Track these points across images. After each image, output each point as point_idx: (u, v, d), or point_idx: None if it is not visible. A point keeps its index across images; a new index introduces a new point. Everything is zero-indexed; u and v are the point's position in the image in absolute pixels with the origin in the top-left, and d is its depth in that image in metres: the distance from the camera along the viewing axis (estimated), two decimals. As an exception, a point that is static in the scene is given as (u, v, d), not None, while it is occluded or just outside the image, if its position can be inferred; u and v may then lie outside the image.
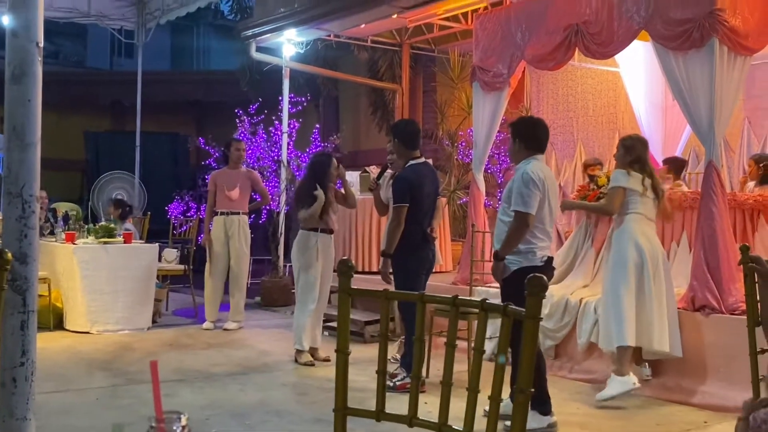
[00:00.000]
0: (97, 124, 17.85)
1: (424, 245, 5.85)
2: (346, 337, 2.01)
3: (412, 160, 5.91)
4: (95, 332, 7.94)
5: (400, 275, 5.80)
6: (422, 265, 5.86)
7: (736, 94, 6.08)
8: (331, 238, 6.95)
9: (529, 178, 4.78)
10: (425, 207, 5.85)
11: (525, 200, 4.75)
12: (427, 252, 5.88)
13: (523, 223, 4.75)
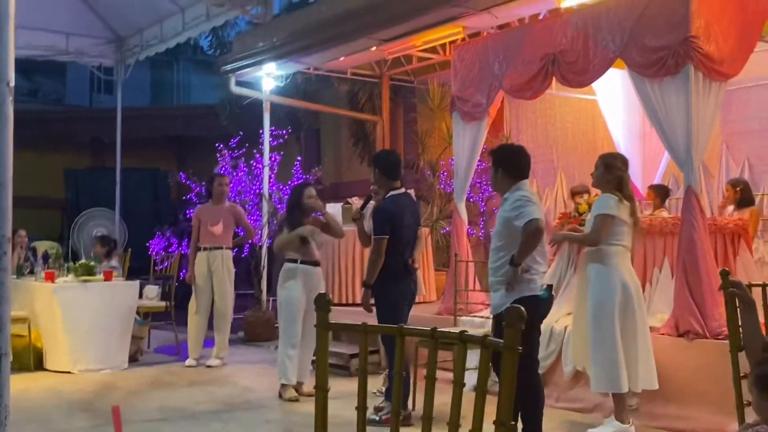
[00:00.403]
0: (77, 161, 17.78)
1: (405, 276, 5.82)
2: (325, 373, 1.98)
3: (393, 190, 5.90)
4: (76, 372, 7.82)
5: (383, 306, 5.77)
6: (404, 296, 5.82)
7: (712, 119, 6.13)
8: (316, 269, 6.86)
9: (526, 199, 4.77)
10: (405, 238, 5.82)
11: (530, 211, 4.70)
12: (408, 283, 5.84)
13: (537, 228, 4.66)
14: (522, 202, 4.76)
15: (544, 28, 7.24)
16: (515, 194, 4.84)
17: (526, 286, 4.75)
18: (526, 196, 4.80)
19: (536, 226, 4.65)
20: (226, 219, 8.46)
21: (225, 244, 8.44)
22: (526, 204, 4.73)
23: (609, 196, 5.22)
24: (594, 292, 5.27)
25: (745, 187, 7.72)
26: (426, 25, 8.30)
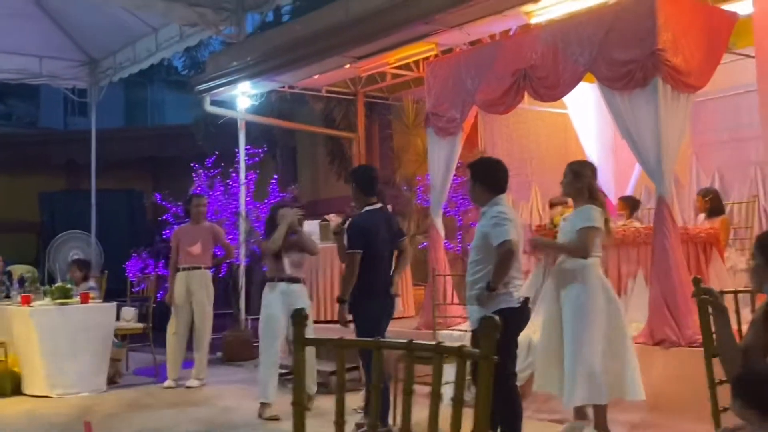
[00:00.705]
0: (52, 184, 17.64)
1: (383, 292, 5.83)
2: (302, 389, 2.00)
3: (369, 205, 5.93)
4: (54, 396, 7.75)
5: (360, 322, 5.80)
6: (382, 311, 5.84)
7: (681, 130, 6.24)
8: (297, 286, 6.87)
9: (503, 216, 4.83)
10: (381, 253, 5.83)
11: (503, 232, 4.76)
12: (386, 299, 5.86)
13: (509, 250, 4.73)
14: (499, 219, 4.81)
15: (515, 44, 7.34)
16: (493, 209, 4.89)
17: (502, 299, 4.80)
18: (504, 213, 4.85)
19: (508, 248, 4.72)
20: (205, 239, 8.44)
21: (203, 264, 8.42)
22: (503, 222, 4.79)
23: (593, 208, 5.20)
24: (576, 303, 5.20)
25: (714, 196, 7.84)
26: (399, 43, 8.38)
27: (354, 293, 5.77)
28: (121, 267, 12.56)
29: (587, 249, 5.14)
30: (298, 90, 11.26)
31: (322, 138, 13.64)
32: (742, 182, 8.67)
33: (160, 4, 10.15)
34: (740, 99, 8.52)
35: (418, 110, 10.53)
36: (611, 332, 5.19)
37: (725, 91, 8.58)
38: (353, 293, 5.77)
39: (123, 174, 17.20)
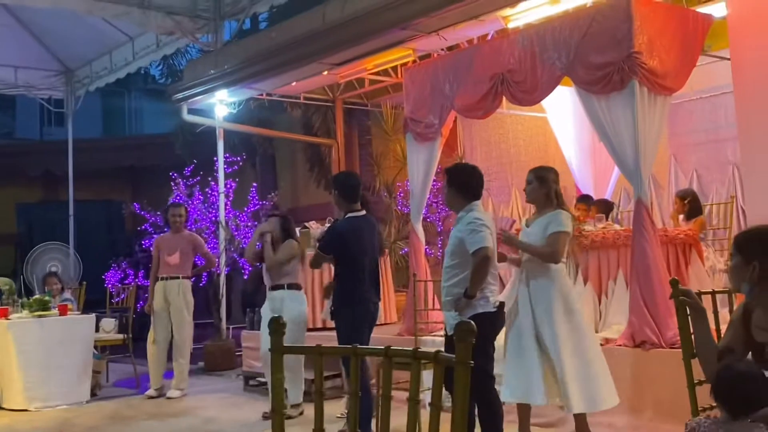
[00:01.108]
0: (29, 195, 17.51)
1: (364, 299, 5.80)
2: (281, 397, 1.98)
3: (351, 212, 5.91)
4: (33, 409, 7.67)
5: (343, 328, 5.79)
6: (364, 318, 5.81)
7: (658, 132, 6.26)
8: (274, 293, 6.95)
9: (479, 222, 4.82)
10: (361, 260, 5.81)
11: (479, 239, 4.75)
12: (368, 305, 5.83)
13: (485, 257, 4.72)
14: (476, 226, 4.80)
15: (492, 49, 7.34)
16: (469, 215, 4.89)
17: (479, 304, 4.80)
18: (480, 219, 4.84)
19: (484, 255, 4.73)
20: (184, 248, 8.39)
21: (182, 273, 8.37)
22: (480, 228, 4.78)
23: (563, 213, 5.17)
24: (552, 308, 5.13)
25: (693, 198, 7.88)
26: (376, 49, 8.38)
27: (335, 301, 5.79)
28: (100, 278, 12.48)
29: (559, 253, 5.10)
30: (276, 97, 11.23)
31: (301, 145, 13.61)
32: (720, 183, 8.74)
33: (137, 13, 10.10)
34: (717, 100, 8.60)
35: (397, 116, 10.54)
36: (577, 342, 5.11)
37: (702, 92, 8.66)
38: (334, 301, 5.77)
39: (101, 184, 17.09)
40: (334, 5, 8.46)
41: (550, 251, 5.12)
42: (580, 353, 5.13)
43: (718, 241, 8.17)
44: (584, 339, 5.18)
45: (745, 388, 2.71)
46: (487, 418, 4.73)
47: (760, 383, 2.72)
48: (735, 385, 2.74)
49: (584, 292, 6.71)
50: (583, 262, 6.81)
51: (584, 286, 6.75)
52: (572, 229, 5.21)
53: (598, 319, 6.66)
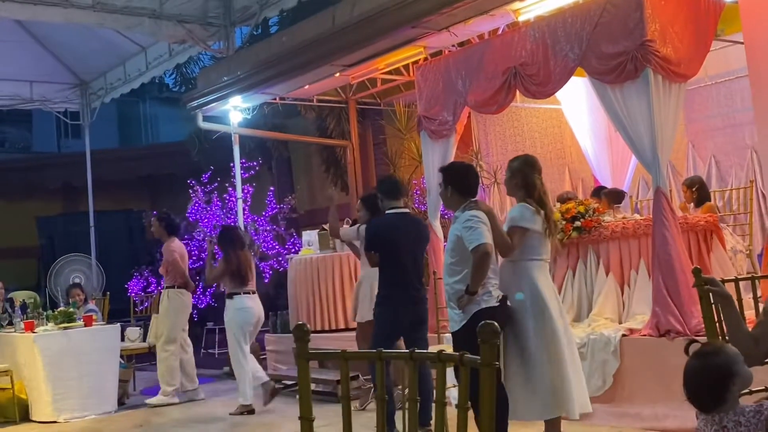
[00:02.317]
0: (49, 208, 17.65)
1: (398, 298, 5.83)
2: (308, 403, 1.99)
3: (392, 209, 6.06)
4: (62, 420, 7.74)
5: (375, 331, 5.95)
6: (393, 327, 5.84)
7: (674, 120, 6.22)
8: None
9: (476, 219, 4.79)
10: (397, 257, 5.86)
11: (477, 235, 4.72)
12: (403, 305, 5.83)
13: (485, 253, 4.70)
14: (473, 223, 4.78)
15: (503, 43, 7.33)
16: (466, 213, 4.86)
17: (481, 299, 4.79)
18: (476, 216, 4.80)
19: (483, 251, 4.69)
20: (163, 258, 8.66)
21: (166, 283, 8.60)
22: (476, 225, 4.75)
23: (525, 207, 4.96)
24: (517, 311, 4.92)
25: (700, 185, 7.82)
26: (387, 48, 8.38)
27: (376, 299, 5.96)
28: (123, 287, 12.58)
29: (510, 246, 4.89)
30: (289, 101, 11.26)
31: (317, 147, 13.64)
32: (739, 167, 8.67)
33: (148, 23, 10.16)
34: (732, 85, 8.54)
35: (411, 114, 10.54)
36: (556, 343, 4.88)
37: (717, 77, 8.60)
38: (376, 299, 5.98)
39: (120, 194, 17.20)
40: (343, 7, 8.47)
41: (501, 243, 4.89)
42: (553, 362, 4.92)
43: (739, 226, 8.11)
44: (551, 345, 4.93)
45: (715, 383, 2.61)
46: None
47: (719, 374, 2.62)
48: (688, 384, 2.67)
49: (607, 283, 6.69)
50: (604, 253, 6.79)
51: (606, 277, 6.73)
52: (533, 223, 4.90)
53: (621, 310, 6.63)
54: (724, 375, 2.57)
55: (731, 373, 2.54)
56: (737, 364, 2.59)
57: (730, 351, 2.65)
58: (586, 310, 6.80)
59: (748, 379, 2.62)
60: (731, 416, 2.50)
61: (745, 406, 2.52)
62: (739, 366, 2.59)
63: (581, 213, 6.83)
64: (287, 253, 10.99)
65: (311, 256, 9.09)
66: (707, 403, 2.60)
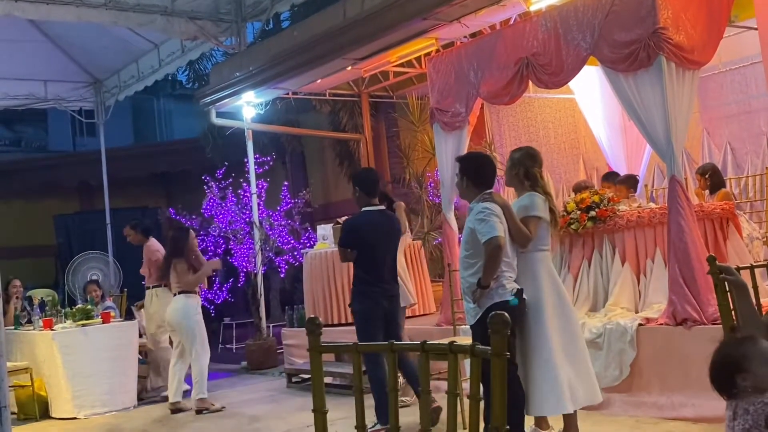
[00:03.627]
0: (66, 206, 17.74)
1: (372, 294, 5.90)
2: (321, 395, 2.00)
3: (368, 206, 6.03)
4: (82, 417, 7.81)
5: (356, 325, 6.00)
6: (374, 311, 5.90)
7: (688, 107, 6.17)
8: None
9: (488, 212, 4.78)
10: (374, 255, 5.93)
11: (489, 228, 4.71)
12: (377, 300, 5.91)
13: (497, 246, 4.68)
14: (485, 215, 4.76)
15: (515, 33, 7.29)
16: (479, 205, 4.85)
17: (495, 293, 4.77)
18: (489, 209, 4.78)
19: (495, 245, 4.67)
20: (145, 261, 8.93)
21: (150, 284, 8.85)
22: (488, 217, 4.73)
23: (536, 196, 4.98)
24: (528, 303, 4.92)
25: (713, 171, 7.77)
26: (398, 41, 8.36)
27: (351, 296, 6.01)
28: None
29: (528, 238, 4.90)
30: (302, 95, 11.27)
31: (330, 141, 13.65)
32: (755, 154, 8.62)
33: (160, 20, 10.19)
34: (746, 71, 8.48)
35: (423, 106, 10.52)
36: (563, 335, 4.94)
37: (731, 64, 8.54)
38: (351, 296, 6.02)
39: (136, 192, 17.27)
40: (354, 0, 8.46)
41: (517, 236, 4.90)
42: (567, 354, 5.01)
43: (756, 213, 8.06)
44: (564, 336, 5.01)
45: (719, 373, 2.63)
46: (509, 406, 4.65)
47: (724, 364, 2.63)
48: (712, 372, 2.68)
49: (622, 272, 6.66)
50: (620, 242, 6.76)
51: (622, 266, 6.70)
52: (545, 212, 4.95)
53: (637, 299, 6.60)
54: (732, 369, 2.59)
55: (741, 369, 2.55)
56: (752, 362, 2.57)
57: (750, 347, 2.63)
58: (602, 300, 6.77)
59: None
60: (742, 404, 2.53)
61: (761, 396, 2.51)
62: (755, 364, 2.57)
63: (596, 203, 6.80)
64: (302, 247, 11.01)
65: (326, 251, 9.10)
66: (718, 390, 2.61)
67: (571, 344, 4.98)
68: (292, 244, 11.46)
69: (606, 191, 7.15)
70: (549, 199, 5.03)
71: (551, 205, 5.03)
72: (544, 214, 4.96)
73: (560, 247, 7.18)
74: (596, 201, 6.81)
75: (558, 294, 5.03)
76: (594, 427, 5.42)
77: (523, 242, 4.93)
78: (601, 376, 5.71)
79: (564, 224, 6.56)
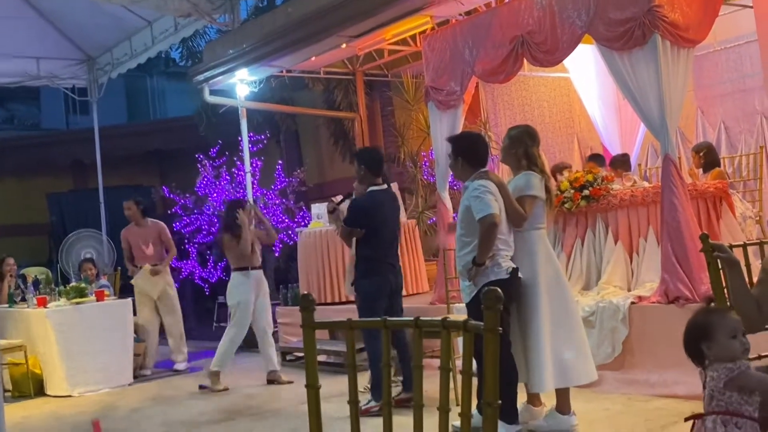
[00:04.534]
0: (59, 184, 17.69)
1: (381, 270, 5.95)
2: (314, 371, 2.01)
3: (374, 186, 6.00)
4: (77, 395, 7.83)
5: (359, 301, 6.00)
6: (380, 289, 5.94)
7: (683, 86, 6.17)
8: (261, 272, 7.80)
9: (483, 189, 4.79)
10: (381, 233, 5.98)
11: (484, 205, 4.73)
12: (386, 276, 5.97)
13: (492, 224, 4.69)
14: (479, 192, 4.78)
15: (510, 11, 7.27)
16: (475, 183, 4.87)
17: (491, 271, 4.79)
18: (484, 186, 4.80)
19: (490, 222, 4.68)
20: (154, 239, 8.97)
21: (158, 261, 8.94)
22: (483, 195, 4.75)
23: (532, 175, 4.97)
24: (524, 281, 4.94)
25: (708, 150, 7.79)
26: (393, 18, 8.30)
27: (355, 273, 6.00)
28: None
29: (522, 217, 4.90)
30: (296, 73, 11.22)
31: (325, 120, 13.60)
32: (748, 133, 8.63)
33: (153, -3, 10.11)
34: (741, 49, 8.47)
35: (418, 85, 10.49)
36: (559, 313, 4.96)
37: (726, 42, 8.53)
38: (356, 273, 6.01)
39: (129, 170, 17.21)
40: (348, -23, 8.40)
41: (513, 215, 4.92)
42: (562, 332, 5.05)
43: (749, 192, 8.08)
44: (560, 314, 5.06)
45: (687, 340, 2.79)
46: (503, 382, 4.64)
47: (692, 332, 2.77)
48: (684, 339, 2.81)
49: (615, 251, 6.69)
50: (613, 221, 6.78)
51: (615, 245, 6.72)
52: (542, 191, 4.97)
53: (630, 277, 6.63)
54: (697, 335, 2.74)
55: (706, 337, 2.68)
56: (717, 331, 2.69)
57: (717, 317, 2.76)
58: (595, 279, 6.81)
59: (731, 351, 2.67)
60: (710, 372, 2.69)
61: (727, 364, 2.62)
62: (719, 333, 2.68)
63: (590, 182, 6.81)
64: (297, 226, 11.01)
65: (320, 229, 9.11)
66: (690, 358, 2.80)
67: (566, 322, 5.01)
68: (287, 223, 11.46)
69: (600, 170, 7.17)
70: (545, 178, 5.03)
71: (547, 184, 5.04)
72: (540, 193, 4.97)
73: (554, 226, 7.19)
74: (590, 180, 6.82)
75: (555, 272, 5.05)
76: (586, 404, 5.46)
77: (518, 222, 4.95)
78: (593, 353, 5.70)
79: (557, 203, 6.57)
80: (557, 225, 7.12)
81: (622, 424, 5.12)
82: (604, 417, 5.29)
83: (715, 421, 2.62)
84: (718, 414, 2.62)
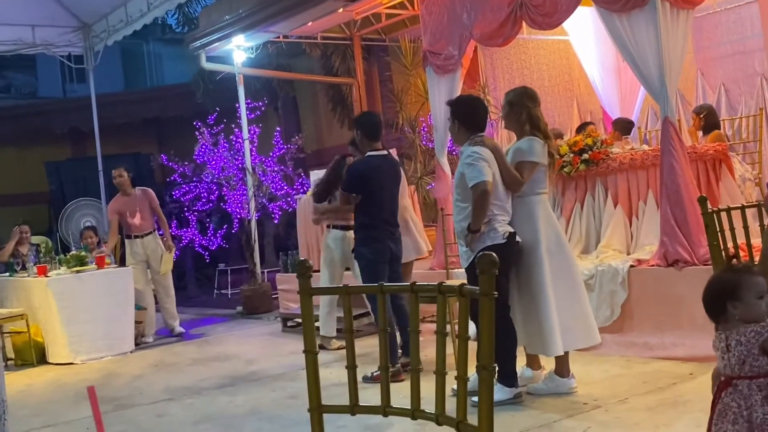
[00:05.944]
0: (57, 153, 17.63)
1: (380, 236, 5.90)
2: (312, 337, 2.01)
3: (372, 151, 5.97)
4: (79, 362, 7.88)
5: (361, 265, 5.99)
6: (380, 255, 5.90)
7: (683, 48, 6.12)
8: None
9: (476, 156, 4.78)
10: (380, 199, 5.91)
11: (477, 172, 4.72)
12: (385, 243, 5.92)
13: (484, 191, 4.68)
14: (473, 159, 4.76)
15: (508, -27, 7.18)
16: (469, 149, 4.85)
17: (487, 237, 4.79)
18: (478, 153, 4.78)
19: (482, 189, 4.68)
20: (142, 208, 8.93)
21: (150, 229, 9.00)
22: (477, 161, 4.73)
23: (535, 140, 4.92)
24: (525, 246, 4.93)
25: (709, 112, 7.76)
26: (390, -19, 8.24)
27: (355, 240, 6.00)
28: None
29: (519, 182, 4.87)
30: (293, 39, 11.14)
31: (322, 86, 13.53)
32: (749, 95, 8.58)
33: (148, -38, 10.00)
34: (742, 11, 8.39)
35: (416, 50, 10.41)
36: (560, 277, 4.95)
37: (726, 3, 8.45)
38: (355, 240, 6.00)
39: (127, 138, 17.14)
40: (345, -61, 8.31)
41: (511, 180, 4.89)
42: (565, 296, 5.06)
43: (749, 154, 8.06)
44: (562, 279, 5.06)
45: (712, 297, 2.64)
46: (502, 346, 4.67)
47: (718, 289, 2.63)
48: (705, 296, 2.70)
49: (615, 215, 6.69)
50: (612, 184, 6.77)
51: (614, 208, 6.72)
52: (544, 157, 4.94)
53: (629, 240, 6.64)
54: (723, 294, 2.58)
55: (733, 296, 2.55)
56: (744, 291, 2.57)
57: (746, 276, 2.62)
58: (594, 242, 6.81)
59: (758, 311, 2.58)
60: (734, 335, 2.53)
61: (751, 326, 2.52)
62: (747, 292, 2.56)
63: (589, 145, 6.79)
64: (296, 193, 10.99)
65: (319, 195, 9.08)
66: (709, 314, 2.63)
67: (568, 286, 5.02)
68: (286, 190, 11.44)
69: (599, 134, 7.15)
70: (548, 143, 5.00)
71: (550, 148, 5.02)
72: (542, 159, 4.94)
73: (553, 190, 7.18)
74: (589, 144, 6.80)
75: (556, 236, 5.04)
76: (585, 366, 5.49)
77: (515, 187, 4.93)
78: (592, 317, 5.77)
79: (557, 167, 6.55)
80: (556, 189, 7.11)
81: (621, 386, 5.15)
82: (603, 379, 5.32)
83: (750, 387, 2.52)
84: (754, 378, 2.52)
